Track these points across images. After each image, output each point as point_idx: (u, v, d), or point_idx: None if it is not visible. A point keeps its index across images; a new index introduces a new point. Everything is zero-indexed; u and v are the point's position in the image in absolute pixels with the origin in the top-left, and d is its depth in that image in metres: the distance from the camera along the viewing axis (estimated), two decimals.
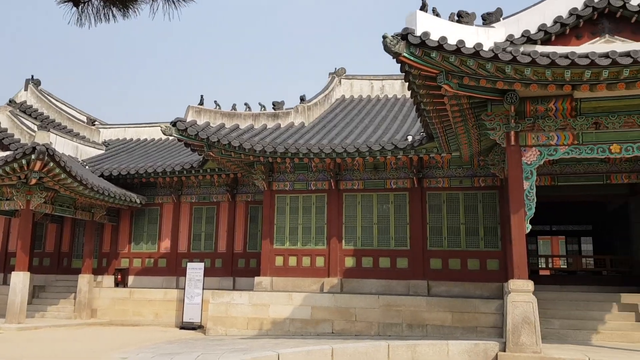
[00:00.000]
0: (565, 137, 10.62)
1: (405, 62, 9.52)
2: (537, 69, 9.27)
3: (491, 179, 15.12)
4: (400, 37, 9.34)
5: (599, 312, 12.57)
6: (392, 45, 9.28)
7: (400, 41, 9.32)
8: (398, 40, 9.32)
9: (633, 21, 10.81)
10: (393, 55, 9.46)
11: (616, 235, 19.47)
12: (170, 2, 3.99)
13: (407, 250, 15.59)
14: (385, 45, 9.33)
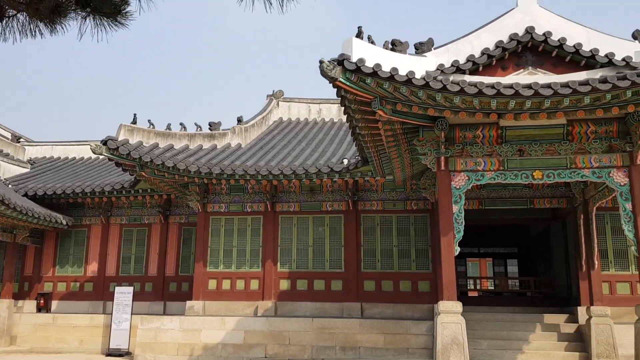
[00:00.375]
0: (491, 163, 11.09)
1: (341, 87, 9.71)
2: (465, 98, 9.68)
3: (423, 202, 15.54)
4: (336, 63, 9.54)
5: (523, 332, 13.06)
6: (328, 70, 9.46)
7: (337, 66, 9.52)
8: (334, 65, 9.51)
9: (554, 55, 11.56)
10: (329, 79, 9.63)
11: (539, 258, 20.41)
12: (100, 25, 3.88)
13: (342, 272, 15.69)
14: (322, 70, 9.50)
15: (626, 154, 10.62)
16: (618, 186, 10.58)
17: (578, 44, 11.14)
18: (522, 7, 11.74)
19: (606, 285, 13.85)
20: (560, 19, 11.57)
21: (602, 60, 10.87)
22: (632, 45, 10.93)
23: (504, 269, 26.14)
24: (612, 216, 14.02)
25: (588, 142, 10.86)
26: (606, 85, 9.15)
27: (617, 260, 14.05)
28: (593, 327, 12.11)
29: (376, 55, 10.06)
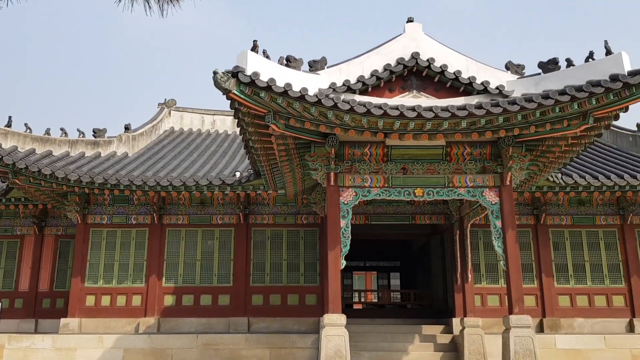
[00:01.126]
0: (377, 180, 11.58)
1: (235, 99, 9.68)
2: (355, 116, 10.04)
3: (313, 216, 15.80)
4: (230, 75, 9.50)
5: (403, 343, 13.63)
6: (222, 81, 9.39)
7: (231, 78, 9.48)
8: (228, 77, 9.46)
9: (436, 80, 12.30)
10: (223, 91, 9.56)
11: (420, 271, 21.48)
12: None
13: (230, 286, 15.47)
14: (216, 81, 9.41)
15: (497, 175, 11.55)
16: (490, 205, 11.46)
17: (458, 71, 11.96)
18: (409, 33, 12.42)
19: (478, 297, 14.86)
20: (443, 47, 12.37)
21: (479, 87, 11.76)
22: (505, 75, 11.92)
23: (388, 282, 27.18)
24: (485, 232, 15.11)
25: (464, 163, 11.69)
26: (481, 111, 9.92)
27: (489, 274, 15.15)
28: (466, 337, 12.92)
29: (271, 69, 10.15)
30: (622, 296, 15.03)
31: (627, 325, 14.77)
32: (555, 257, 15.32)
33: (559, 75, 10.77)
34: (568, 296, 15.05)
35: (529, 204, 15.54)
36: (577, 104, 9.85)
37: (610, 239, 15.45)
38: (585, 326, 14.75)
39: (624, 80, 9.55)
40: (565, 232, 15.52)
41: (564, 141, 11.02)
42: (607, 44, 10.29)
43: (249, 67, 9.63)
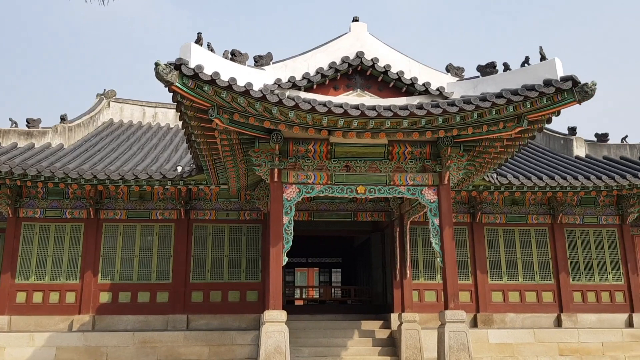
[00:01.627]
0: (321, 177, 11.66)
1: (178, 92, 9.49)
2: (299, 113, 10.06)
3: (256, 212, 15.72)
4: (173, 67, 9.30)
5: (342, 339, 13.80)
6: (164, 73, 9.19)
7: (174, 70, 9.29)
8: (171, 69, 9.27)
9: (380, 80, 12.48)
10: (165, 83, 9.35)
11: (361, 268, 21.79)
12: None
13: (169, 283, 15.18)
14: (158, 72, 9.19)
15: (436, 174, 11.87)
16: (428, 203, 11.77)
17: (401, 72, 12.19)
18: (355, 32, 12.54)
19: (416, 293, 15.24)
20: (387, 47, 12.56)
21: (420, 88, 12.02)
22: (445, 77, 12.25)
23: (329, 278, 27.43)
24: (424, 230, 15.50)
25: (405, 162, 11.95)
26: (422, 111, 10.15)
27: (426, 271, 15.56)
28: (403, 332, 13.23)
29: (215, 63, 10.02)
30: (551, 292, 15.77)
31: (555, 320, 15.53)
32: (489, 254, 15.91)
33: (496, 78, 11.16)
34: (501, 292, 15.66)
35: (465, 202, 16.06)
36: (513, 107, 10.25)
37: (541, 237, 16.18)
38: (516, 321, 15.39)
39: (556, 85, 10.01)
40: (499, 230, 16.13)
41: (500, 142, 11.45)
42: (542, 50, 10.75)
43: (192, 59, 9.46)
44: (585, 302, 15.76)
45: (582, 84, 9.95)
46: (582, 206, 16.40)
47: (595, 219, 16.38)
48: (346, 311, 17.54)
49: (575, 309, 15.60)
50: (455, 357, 10.63)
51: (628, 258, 16.11)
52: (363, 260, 20.94)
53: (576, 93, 10.00)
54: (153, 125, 22.03)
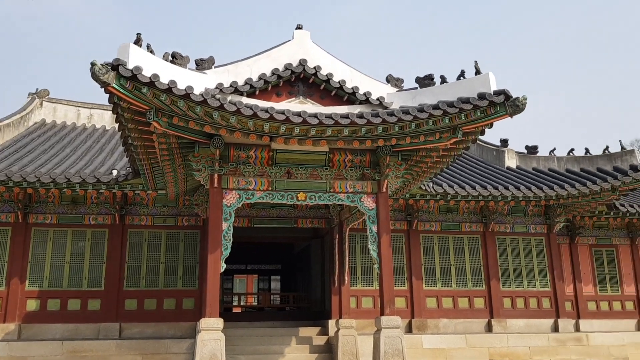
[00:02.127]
0: (261, 183, 11.63)
1: (115, 93, 9.24)
2: (241, 118, 10.01)
3: (194, 218, 15.46)
4: (110, 67, 9.05)
5: (280, 345, 13.76)
6: (100, 73, 8.92)
7: (111, 71, 9.04)
8: (108, 69, 9.01)
9: (322, 88, 12.62)
10: (101, 84, 9.09)
11: (300, 274, 21.82)
12: None
13: (101, 290, 14.67)
14: (94, 72, 8.92)
15: (375, 182, 12.09)
16: (367, 210, 11.96)
17: (342, 81, 12.37)
18: (298, 40, 12.63)
19: (354, 299, 15.41)
20: (329, 56, 12.72)
21: (361, 97, 12.24)
22: (386, 88, 12.52)
23: (268, 285, 27.29)
24: (362, 237, 15.71)
25: (345, 170, 12.11)
26: (362, 120, 10.33)
27: (364, 277, 15.77)
28: (340, 338, 13.34)
29: (155, 65, 9.83)
30: (482, 298, 16.33)
31: (486, 325, 16.08)
32: (424, 261, 16.31)
33: (434, 90, 11.51)
34: (435, 298, 16.08)
35: (403, 210, 16.42)
36: (449, 119, 10.60)
37: (474, 245, 16.75)
38: (449, 326, 15.83)
39: (490, 99, 10.43)
40: (434, 237, 16.58)
41: (436, 152, 11.81)
42: (477, 64, 11.19)
43: (131, 60, 9.24)
44: (515, 308, 16.41)
45: (513, 98, 10.42)
46: (512, 215, 17.11)
47: (525, 227, 17.12)
48: (285, 318, 17.50)
49: (505, 315, 16.21)
50: None
51: (554, 265, 16.92)
52: (303, 267, 20.98)
53: (508, 107, 10.46)
54: (88, 126, 21.30)
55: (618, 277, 18.09)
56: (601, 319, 17.48)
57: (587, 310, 17.49)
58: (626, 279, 18.08)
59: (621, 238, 18.44)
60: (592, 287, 17.79)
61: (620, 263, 18.23)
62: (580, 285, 17.64)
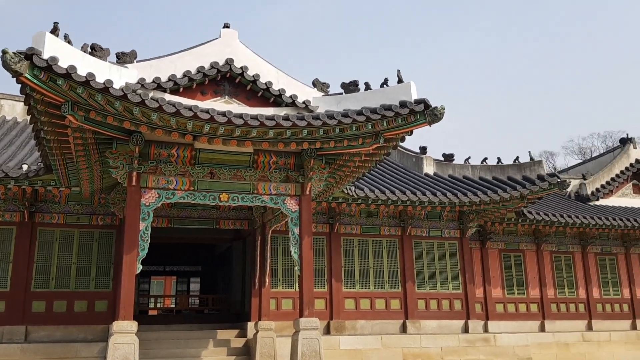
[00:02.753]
0: (183, 183, 11.40)
1: (27, 84, 8.75)
2: (163, 116, 9.77)
3: (110, 217, 14.88)
4: (23, 56, 8.57)
5: (197, 349, 13.51)
6: (12, 62, 8.43)
7: (24, 60, 8.56)
8: (21, 58, 8.53)
9: (248, 88, 12.58)
10: (13, 73, 8.59)
11: (221, 276, 21.53)
12: None
13: (7, 292, 13.78)
14: (5, 61, 8.42)
15: (299, 184, 12.18)
16: (290, 212, 12.02)
17: (269, 82, 12.38)
18: (225, 39, 12.51)
19: (274, 301, 15.39)
20: (257, 57, 12.69)
21: (288, 100, 12.30)
22: (312, 91, 12.67)
23: (187, 287, 26.71)
24: (284, 239, 15.73)
25: (270, 171, 12.11)
26: (288, 123, 10.39)
27: (285, 279, 15.81)
28: (258, 340, 13.30)
29: (72, 56, 9.41)
30: (398, 300, 16.81)
31: (401, 326, 16.57)
32: (345, 264, 16.59)
33: (358, 96, 11.77)
34: (353, 300, 16.38)
35: (325, 213, 16.62)
36: (371, 125, 10.87)
37: (392, 248, 17.23)
38: (366, 327, 16.18)
39: (410, 107, 10.80)
40: (355, 240, 16.90)
41: (359, 157, 12.07)
42: (400, 73, 11.56)
43: (46, 50, 8.80)
44: (428, 309, 17.03)
45: (432, 107, 10.85)
46: (428, 220, 17.75)
47: (440, 232, 17.82)
48: (203, 321, 17.21)
49: (419, 316, 16.78)
50: None
51: (466, 269, 17.72)
52: (224, 269, 20.73)
53: (427, 115, 10.88)
54: None
55: (524, 280, 19.20)
56: (508, 320, 18.49)
57: (496, 311, 18.44)
58: (531, 283, 19.24)
59: (528, 243, 19.60)
60: (500, 290, 18.78)
61: (527, 267, 19.35)
62: (490, 287, 18.57)
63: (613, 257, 20.64)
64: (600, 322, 19.54)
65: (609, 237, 20.66)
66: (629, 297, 20.39)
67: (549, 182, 16.34)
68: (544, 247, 19.67)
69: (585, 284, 19.90)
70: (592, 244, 20.26)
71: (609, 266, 20.49)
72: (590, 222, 18.71)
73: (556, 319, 19.06)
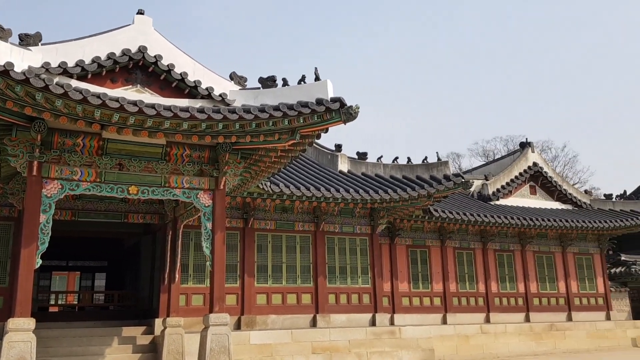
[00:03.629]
0: (89, 174, 10.88)
1: None
2: (69, 103, 9.29)
3: (8, 209, 13.93)
4: None
5: (100, 346, 12.98)
6: None
7: None
8: None
9: (162, 78, 12.22)
10: None
11: (129, 272, 20.77)
12: None
13: None
14: None
15: (213, 178, 12.00)
16: (203, 207, 11.82)
17: (184, 73, 12.09)
18: (138, 25, 12.08)
19: (184, 297, 15.10)
20: (173, 46, 12.35)
21: (203, 92, 12.07)
22: (229, 85, 12.50)
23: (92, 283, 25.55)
24: (197, 234, 15.46)
25: (183, 165, 11.84)
26: (203, 115, 10.21)
27: (196, 274, 15.54)
28: (166, 337, 12.99)
29: None
30: (310, 294, 17.05)
31: (312, 321, 16.81)
32: (258, 259, 16.58)
33: (276, 92, 11.76)
34: (265, 295, 16.41)
35: (240, 208, 16.50)
36: (288, 121, 10.92)
37: (305, 243, 17.42)
38: (277, 322, 16.27)
39: (327, 105, 10.96)
40: (269, 235, 16.93)
41: (275, 153, 12.08)
42: (317, 71, 11.68)
43: None
44: (338, 303, 17.40)
45: (347, 106, 11.06)
46: (341, 216, 18.11)
47: (352, 228, 18.24)
48: (109, 318, 16.53)
49: (329, 310, 17.10)
50: None
51: (375, 264, 18.26)
52: (132, 264, 20.01)
53: (342, 114, 11.08)
54: None
55: (429, 275, 20.08)
56: (413, 313, 19.28)
57: (402, 305, 19.16)
58: (435, 277, 20.16)
59: (433, 240, 20.51)
60: (407, 284, 19.53)
61: (432, 262, 20.26)
62: (397, 282, 19.26)
63: (510, 253, 22.07)
64: (497, 315, 20.84)
65: (507, 235, 22.06)
66: (523, 292, 21.88)
67: (454, 181, 17.18)
68: (448, 244, 20.67)
69: (485, 278, 21.14)
70: (491, 241, 21.55)
71: (506, 262, 21.89)
72: (490, 221, 19.88)
73: (457, 312, 20.11)
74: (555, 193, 25.74)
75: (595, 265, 23.96)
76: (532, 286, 22.10)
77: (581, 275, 23.46)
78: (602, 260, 24.19)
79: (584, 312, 22.92)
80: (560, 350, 20.54)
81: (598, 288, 23.73)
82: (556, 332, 20.92)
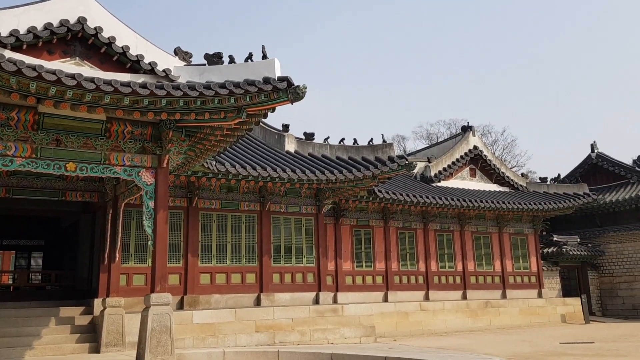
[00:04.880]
0: (23, 149, 10.42)
1: None
2: (1, 74, 8.84)
3: None
4: None
5: (36, 327, 12.61)
6: None
7: None
8: None
9: (102, 51, 11.79)
10: None
11: (67, 251, 20.16)
12: None
13: None
14: None
15: (156, 156, 11.73)
16: (145, 185, 11.56)
17: (126, 47, 11.70)
18: None
19: (125, 277, 14.82)
20: (114, 18, 11.91)
21: (146, 67, 11.73)
22: (173, 60, 12.19)
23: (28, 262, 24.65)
24: (138, 212, 15.09)
25: (124, 141, 11.51)
26: (145, 91, 9.93)
27: (138, 254, 15.26)
28: (106, 317, 12.74)
29: None
30: (254, 274, 17.08)
31: (256, 300, 16.89)
32: (202, 238, 16.43)
33: (222, 69, 11.54)
34: (209, 274, 16.33)
35: (184, 187, 16.26)
36: (234, 99, 10.77)
37: (251, 223, 17.39)
38: (221, 301, 16.24)
39: (274, 84, 10.86)
40: (213, 215, 16.79)
41: (220, 131, 11.91)
42: (264, 49, 11.54)
43: None
44: (283, 283, 17.53)
45: (295, 85, 11.02)
46: (287, 196, 18.16)
47: (298, 208, 18.33)
48: (45, 298, 16.04)
49: (273, 289, 17.21)
50: (156, 340, 10.68)
51: (320, 243, 18.47)
52: (70, 244, 19.43)
53: (289, 93, 11.02)
54: None
55: (372, 254, 20.51)
56: (356, 291, 19.69)
57: (345, 284, 19.52)
58: (378, 257, 20.61)
59: (377, 220, 20.91)
60: (350, 263, 19.89)
61: (375, 242, 20.68)
62: (341, 261, 19.58)
63: (450, 234, 22.80)
64: (436, 293, 21.57)
65: (447, 216, 22.75)
66: (461, 270, 22.71)
67: (398, 163, 17.52)
68: (391, 224, 21.12)
69: (425, 258, 21.79)
70: (432, 221, 22.18)
71: (446, 242, 22.62)
72: (431, 202, 20.44)
73: (398, 290, 20.68)
74: (493, 176, 26.68)
75: (530, 245, 25.11)
76: (469, 265, 22.95)
77: (516, 255, 24.53)
78: (536, 241, 25.37)
79: (518, 290, 24.03)
80: (495, 326, 21.52)
81: (531, 267, 24.91)
82: (491, 309, 21.88)
